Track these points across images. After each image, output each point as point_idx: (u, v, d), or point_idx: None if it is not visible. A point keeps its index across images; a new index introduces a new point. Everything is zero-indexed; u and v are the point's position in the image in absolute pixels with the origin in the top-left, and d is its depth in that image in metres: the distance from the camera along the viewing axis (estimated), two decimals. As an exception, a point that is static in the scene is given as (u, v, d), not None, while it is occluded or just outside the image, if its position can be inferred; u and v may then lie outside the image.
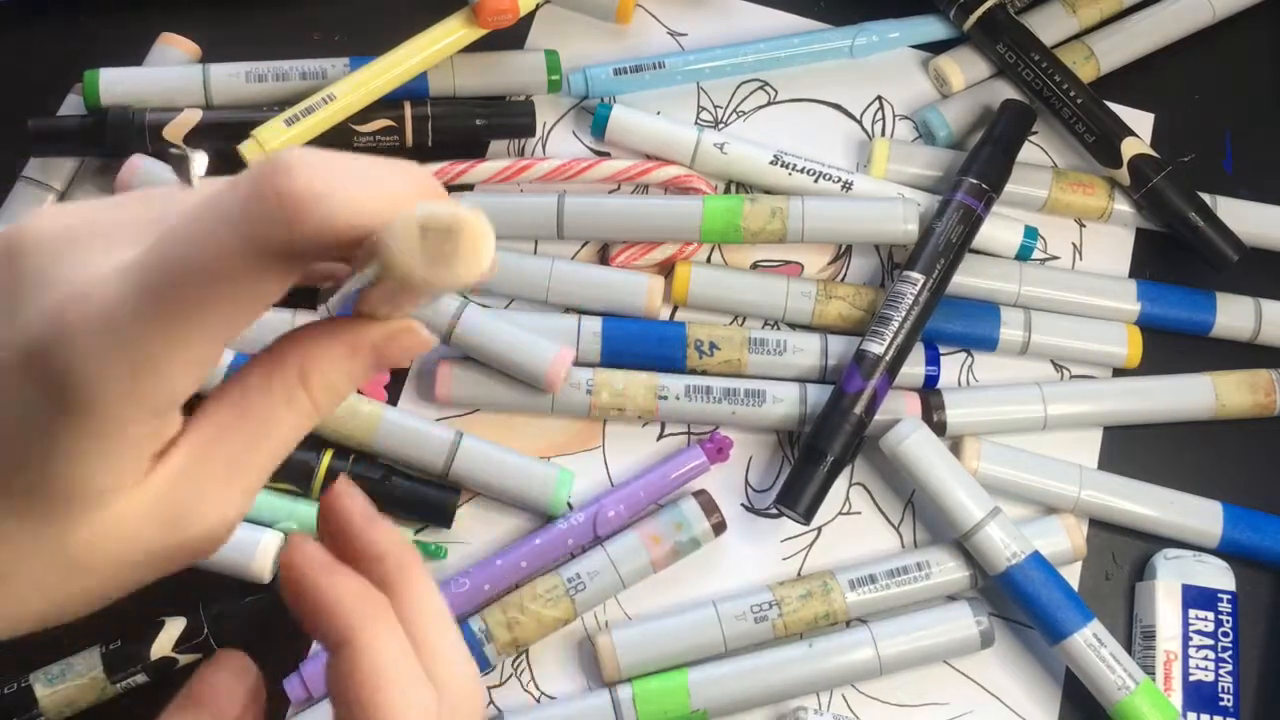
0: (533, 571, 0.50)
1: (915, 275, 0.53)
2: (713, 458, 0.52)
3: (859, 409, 0.51)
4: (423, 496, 0.51)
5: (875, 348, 0.52)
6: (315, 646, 0.50)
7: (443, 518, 0.51)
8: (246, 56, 0.56)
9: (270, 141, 0.51)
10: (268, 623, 0.49)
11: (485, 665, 0.49)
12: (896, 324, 0.52)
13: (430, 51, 0.54)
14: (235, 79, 0.55)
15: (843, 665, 0.50)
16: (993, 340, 0.55)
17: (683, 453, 0.52)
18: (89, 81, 0.54)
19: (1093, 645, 0.49)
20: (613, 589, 0.50)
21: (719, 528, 0.51)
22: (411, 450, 0.51)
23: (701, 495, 0.51)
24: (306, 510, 0.50)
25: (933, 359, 0.54)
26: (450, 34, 0.54)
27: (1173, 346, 0.57)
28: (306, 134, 0.52)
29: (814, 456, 0.51)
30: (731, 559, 0.52)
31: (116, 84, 0.54)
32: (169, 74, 0.55)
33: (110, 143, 0.53)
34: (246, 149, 0.51)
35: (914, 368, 0.54)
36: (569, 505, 0.52)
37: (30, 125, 0.53)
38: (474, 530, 0.52)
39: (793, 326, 0.56)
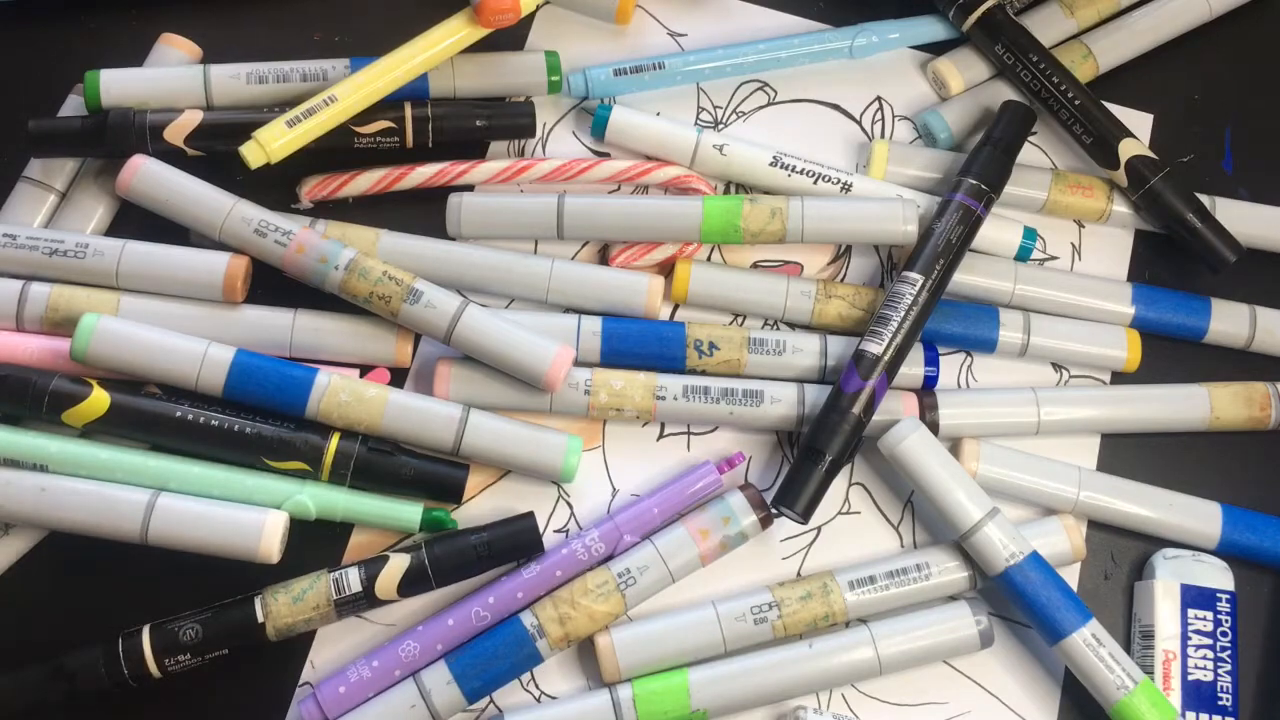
0: (539, 592, 0.50)
1: (914, 276, 0.53)
2: (723, 470, 0.52)
3: (857, 409, 0.51)
4: (433, 473, 0.51)
5: (874, 348, 0.52)
6: (309, 669, 0.50)
7: (453, 494, 0.51)
8: (247, 57, 0.56)
9: (271, 142, 0.51)
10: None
11: (538, 659, 0.49)
12: (895, 324, 0.52)
13: (432, 52, 0.54)
14: (236, 80, 0.55)
15: (842, 665, 0.50)
16: (991, 342, 0.55)
17: (694, 471, 0.52)
18: (89, 82, 0.54)
19: (1091, 645, 0.49)
20: (662, 583, 0.50)
21: (766, 521, 0.51)
22: (420, 430, 0.51)
23: (748, 489, 0.51)
24: (315, 489, 0.50)
25: (931, 360, 0.54)
26: (452, 34, 0.54)
27: (1167, 352, 0.57)
28: (307, 135, 0.52)
29: (812, 456, 0.51)
30: (731, 558, 0.52)
31: (117, 85, 0.54)
32: (170, 75, 0.55)
33: (111, 144, 0.53)
34: (247, 150, 0.51)
35: (913, 368, 0.54)
36: (572, 514, 0.52)
37: (30, 126, 0.53)
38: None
39: (792, 326, 0.56)
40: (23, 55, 0.58)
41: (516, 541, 0.50)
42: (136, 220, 0.54)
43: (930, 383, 0.55)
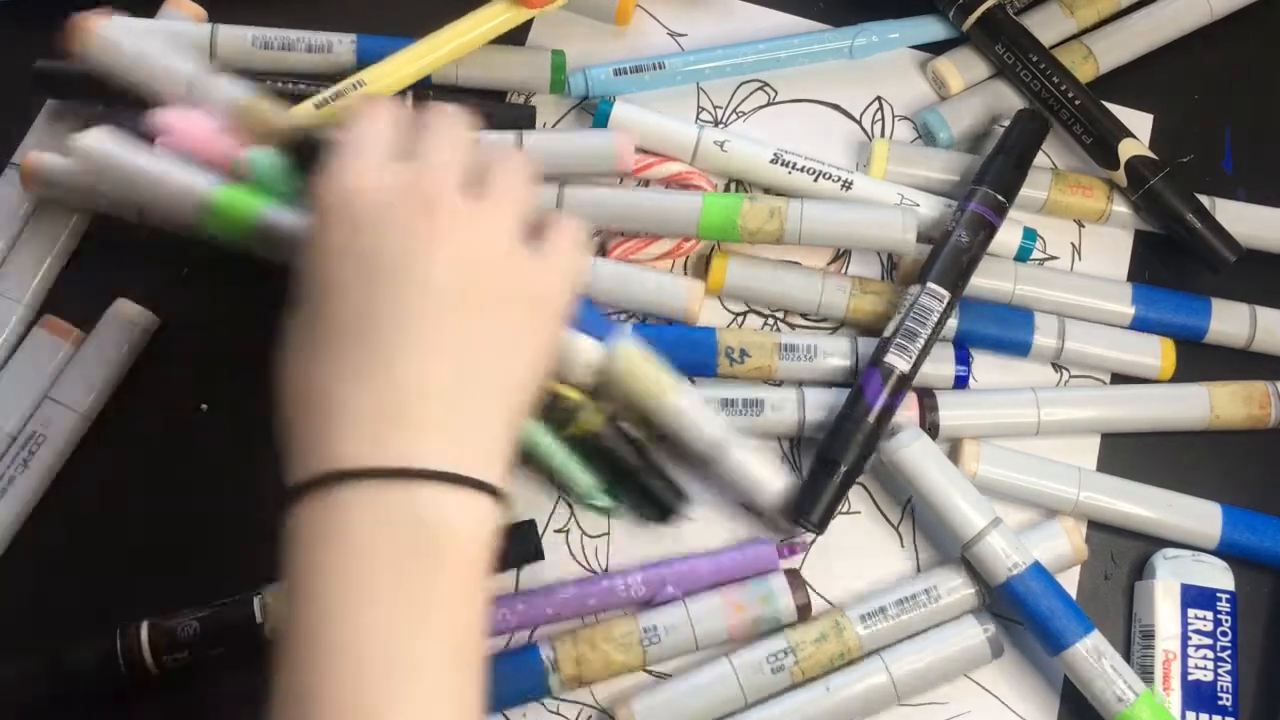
0: (568, 613, 0.50)
1: (940, 290, 0.52)
2: (782, 555, 0.52)
3: (874, 419, 0.51)
4: (653, 489, 0.50)
5: (900, 363, 0.51)
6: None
7: (661, 515, 0.51)
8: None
9: None
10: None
11: (546, 692, 0.49)
12: (924, 340, 0.52)
13: (470, 36, 0.54)
14: (242, 41, 0.55)
15: (860, 700, 0.49)
16: (1026, 345, 0.55)
17: (754, 545, 0.52)
18: None
19: (1092, 656, 0.49)
20: (686, 647, 0.49)
21: (804, 610, 0.50)
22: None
23: (793, 575, 0.51)
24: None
25: (962, 359, 0.55)
26: (492, 19, 0.54)
27: (1166, 352, 0.57)
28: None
29: (827, 467, 0.50)
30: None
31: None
32: (179, 29, 0.56)
33: (112, 93, 0.53)
34: None
35: (942, 367, 0.54)
36: (573, 515, 0.52)
37: (36, 67, 0.54)
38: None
39: (823, 321, 0.56)
40: (22, 55, 0.58)
41: (516, 549, 0.50)
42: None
43: (961, 383, 0.54)
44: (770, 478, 0.51)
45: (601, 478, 0.50)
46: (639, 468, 0.50)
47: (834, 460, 0.50)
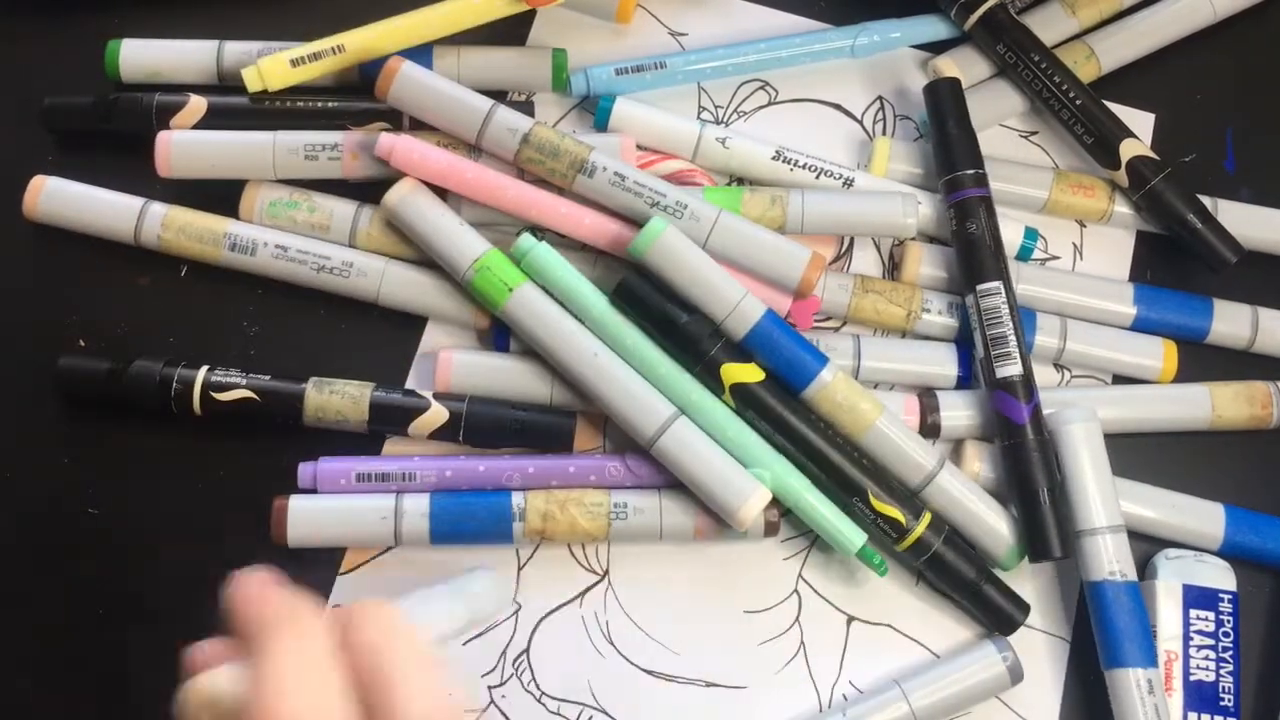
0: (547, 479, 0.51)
1: (993, 285, 0.53)
2: None
3: (1032, 432, 0.51)
4: (994, 601, 0.50)
5: (1012, 370, 0.52)
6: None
7: (1006, 627, 0.51)
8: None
9: (271, 75, 0.53)
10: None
11: (508, 539, 0.50)
12: (1013, 338, 0.52)
13: (451, 16, 0.54)
14: (248, 56, 0.56)
15: None
16: (1027, 345, 0.55)
17: None
18: (110, 51, 0.56)
19: (1142, 688, 0.49)
20: (650, 534, 0.50)
21: (771, 527, 0.51)
22: (894, 462, 0.51)
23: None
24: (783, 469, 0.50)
25: (963, 359, 0.54)
26: (474, 3, 0.55)
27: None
28: (307, 76, 0.54)
29: (1029, 498, 0.51)
30: (739, 562, 0.52)
31: (135, 55, 0.56)
32: (185, 48, 0.57)
33: (120, 125, 0.55)
34: (248, 74, 0.53)
35: (943, 367, 0.54)
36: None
37: (45, 103, 0.55)
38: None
39: (826, 319, 0.56)
40: (53, 35, 0.59)
41: (549, 432, 0.51)
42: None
43: (962, 383, 0.54)
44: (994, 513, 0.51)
45: (942, 589, 0.51)
46: (978, 581, 0.50)
47: (1031, 490, 0.51)
